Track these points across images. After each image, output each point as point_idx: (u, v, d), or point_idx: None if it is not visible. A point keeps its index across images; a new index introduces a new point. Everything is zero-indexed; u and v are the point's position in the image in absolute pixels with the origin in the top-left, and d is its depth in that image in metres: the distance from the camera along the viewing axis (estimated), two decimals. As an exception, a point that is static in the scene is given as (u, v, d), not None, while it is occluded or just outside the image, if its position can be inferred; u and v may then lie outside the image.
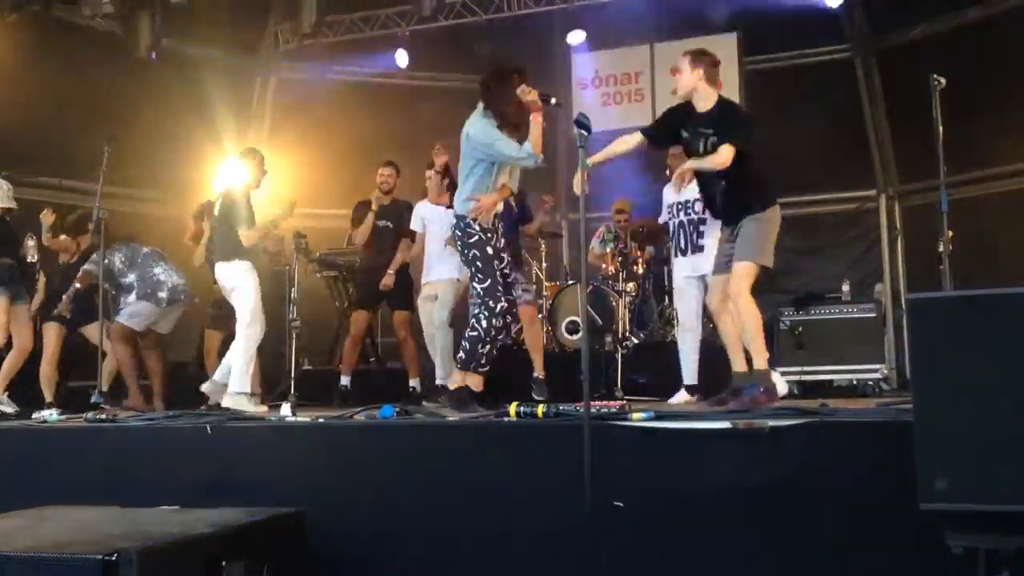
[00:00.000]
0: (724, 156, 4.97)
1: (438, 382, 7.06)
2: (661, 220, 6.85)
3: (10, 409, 6.95)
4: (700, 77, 5.26)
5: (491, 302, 5.35)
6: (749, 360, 5.22)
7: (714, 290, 5.51)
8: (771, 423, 3.82)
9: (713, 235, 5.90)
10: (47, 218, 7.57)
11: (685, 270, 6.38)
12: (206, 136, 10.54)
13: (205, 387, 6.60)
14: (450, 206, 6.46)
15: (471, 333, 5.40)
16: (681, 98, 5.37)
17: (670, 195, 6.47)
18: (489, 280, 5.38)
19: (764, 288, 9.86)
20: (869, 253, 10.45)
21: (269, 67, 11.55)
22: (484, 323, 5.34)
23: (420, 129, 10.06)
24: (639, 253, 8.49)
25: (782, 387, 5.98)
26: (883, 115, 10.47)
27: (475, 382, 5.44)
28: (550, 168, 11.42)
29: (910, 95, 9.57)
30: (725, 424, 3.88)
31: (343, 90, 11.23)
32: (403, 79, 11.24)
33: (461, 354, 5.45)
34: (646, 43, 11.12)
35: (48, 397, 7.33)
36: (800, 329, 7.62)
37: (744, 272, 5.05)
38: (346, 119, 10.67)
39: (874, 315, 7.68)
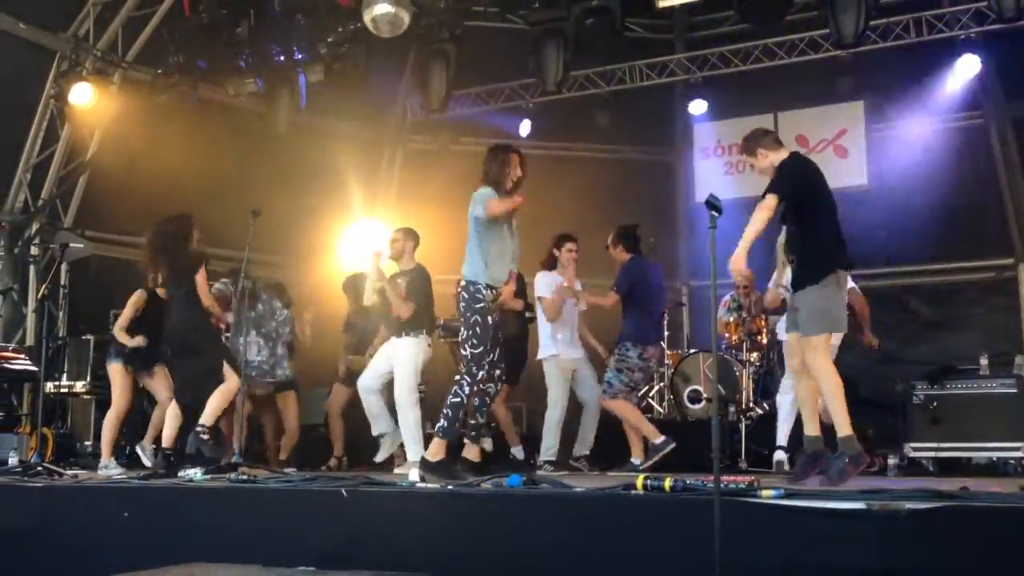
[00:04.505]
0: (759, 209, 5.03)
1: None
2: None
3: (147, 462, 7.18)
4: (765, 154, 5.36)
5: (475, 368, 5.50)
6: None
7: (793, 352, 5.54)
8: (908, 505, 3.71)
9: None
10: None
11: None
12: (337, 204, 11.00)
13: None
14: None
15: (453, 399, 5.51)
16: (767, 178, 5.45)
17: None
18: (482, 348, 5.52)
19: (894, 359, 9.70)
20: (1008, 324, 10.01)
21: (397, 138, 12.02)
22: (466, 389, 5.50)
23: (540, 197, 10.22)
24: (763, 323, 8.39)
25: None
26: (1020, 181, 10.14)
27: (473, 453, 5.72)
28: (671, 236, 11.49)
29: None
30: (859, 504, 3.78)
31: (467, 160, 11.54)
32: (525, 149, 11.44)
33: (443, 421, 5.52)
34: (770, 112, 11.10)
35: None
36: (935, 404, 7.34)
37: (813, 346, 5.12)
38: (469, 188, 10.95)
39: (1015, 390, 7.34)
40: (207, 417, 6.46)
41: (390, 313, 7.23)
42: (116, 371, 7.23)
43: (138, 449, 7.50)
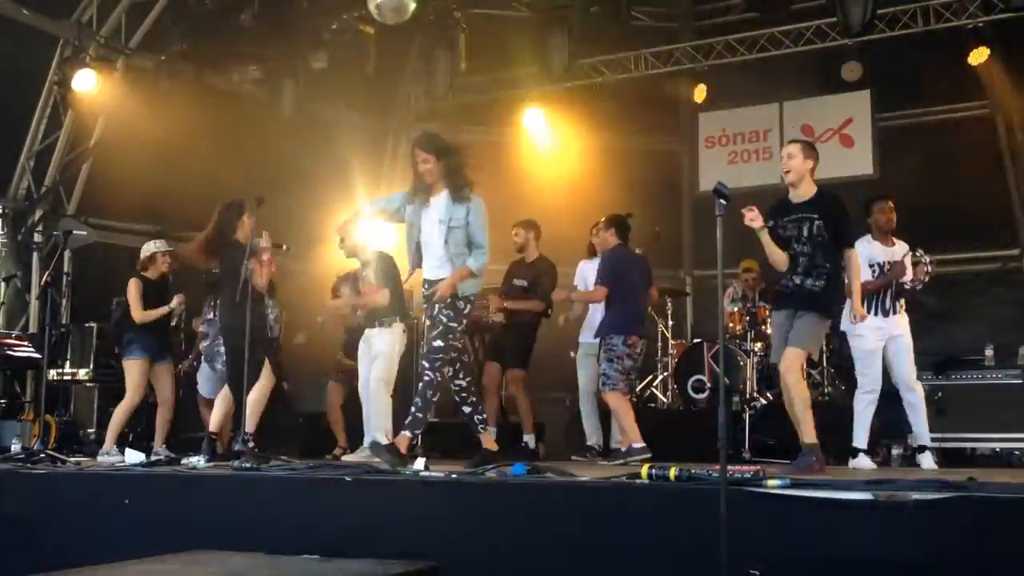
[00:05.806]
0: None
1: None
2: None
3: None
4: (810, 168, 5.50)
5: None
6: None
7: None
8: (915, 496, 3.69)
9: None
10: None
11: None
12: (341, 192, 10.95)
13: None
14: None
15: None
16: (791, 183, 5.55)
17: (876, 252, 6.46)
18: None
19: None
20: (1014, 315, 9.97)
21: (401, 127, 11.96)
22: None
23: (550, 187, 10.22)
24: (767, 313, 8.36)
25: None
26: (1027, 171, 10.10)
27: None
28: (674, 229, 11.44)
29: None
30: (866, 495, 3.77)
31: (472, 150, 11.46)
32: (531, 138, 11.39)
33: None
34: (775, 101, 11.06)
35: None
36: (940, 394, 7.32)
37: (796, 356, 5.42)
38: (476, 179, 10.90)
39: (1020, 381, 7.33)
40: (252, 424, 6.29)
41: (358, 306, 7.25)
42: (135, 365, 7.14)
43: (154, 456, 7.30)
